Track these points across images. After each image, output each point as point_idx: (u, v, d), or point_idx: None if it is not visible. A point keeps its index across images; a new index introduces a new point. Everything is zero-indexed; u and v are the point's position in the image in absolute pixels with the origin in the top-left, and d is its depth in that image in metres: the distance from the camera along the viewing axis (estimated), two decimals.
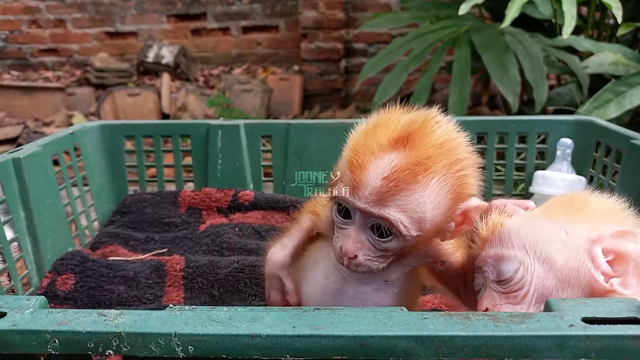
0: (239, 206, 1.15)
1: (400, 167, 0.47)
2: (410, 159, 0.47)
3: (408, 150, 0.48)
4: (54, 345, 0.36)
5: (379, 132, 0.50)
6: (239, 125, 1.17)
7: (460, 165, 0.50)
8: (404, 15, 1.94)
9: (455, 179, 0.49)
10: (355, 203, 0.49)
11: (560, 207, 0.51)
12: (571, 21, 1.30)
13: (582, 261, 0.47)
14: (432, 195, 0.48)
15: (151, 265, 0.93)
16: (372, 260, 0.51)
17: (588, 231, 0.48)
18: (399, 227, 0.49)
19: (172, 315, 0.38)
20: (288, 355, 0.36)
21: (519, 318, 0.38)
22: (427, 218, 0.49)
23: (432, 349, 0.36)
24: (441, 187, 0.49)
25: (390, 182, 0.47)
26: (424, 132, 0.49)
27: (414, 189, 0.47)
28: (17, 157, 0.89)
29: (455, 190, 0.50)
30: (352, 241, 0.51)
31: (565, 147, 1.09)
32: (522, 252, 0.48)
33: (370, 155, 0.48)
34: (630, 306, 0.40)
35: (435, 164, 0.48)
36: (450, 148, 0.50)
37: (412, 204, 0.48)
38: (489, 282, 0.51)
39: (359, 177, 0.48)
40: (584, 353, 0.37)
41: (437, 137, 0.49)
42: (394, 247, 0.51)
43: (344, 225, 0.52)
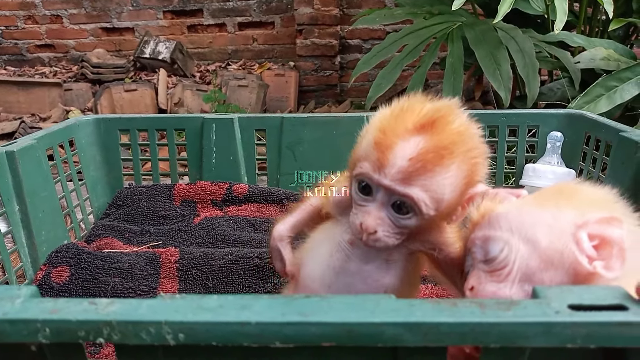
0: (234, 199, 1.15)
1: (427, 149, 0.50)
2: (436, 142, 0.51)
3: (433, 134, 0.51)
4: (45, 334, 0.36)
5: (406, 117, 0.53)
6: (233, 119, 1.18)
7: (476, 153, 0.54)
8: (398, 11, 1.94)
9: (471, 165, 0.53)
10: (382, 180, 0.52)
11: (551, 194, 0.52)
12: (563, 17, 1.30)
13: (567, 244, 0.47)
14: (452, 178, 0.52)
15: (146, 257, 0.93)
16: (389, 236, 0.54)
17: (575, 217, 0.48)
18: (420, 206, 0.51)
19: (162, 303, 0.38)
20: (277, 342, 0.36)
21: (505, 305, 0.39)
22: (445, 199, 0.52)
23: (419, 335, 0.37)
24: (459, 171, 0.52)
25: (417, 163, 0.50)
26: (447, 119, 0.52)
27: (438, 171, 0.51)
28: (11, 150, 0.89)
29: (469, 175, 0.53)
30: (373, 217, 0.53)
31: (555, 140, 1.10)
32: (507, 233, 0.50)
33: (398, 136, 0.51)
34: (616, 293, 0.41)
35: (457, 149, 0.51)
36: (469, 136, 0.54)
37: (434, 184, 0.51)
38: (477, 262, 0.52)
39: (387, 156, 0.51)
40: (570, 339, 0.37)
41: (459, 125, 0.53)
42: (412, 225, 0.54)
43: (364, 203, 0.54)
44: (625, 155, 0.89)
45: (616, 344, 0.38)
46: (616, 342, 0.38)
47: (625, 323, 0.38)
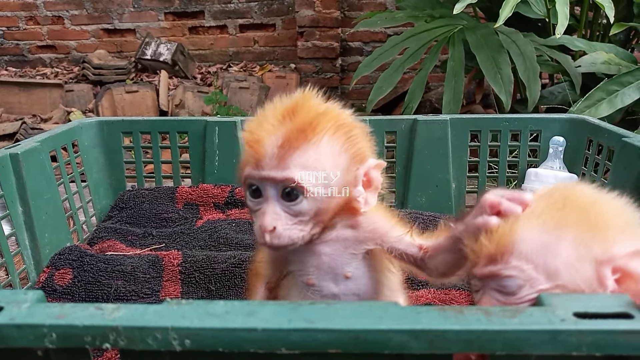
0: (236, 202, 1.16)
1: (291, 130, 0.53)
2: (298, 122, 0.53)
3: (294, 117, 0.54)
4: (51, 339, 0.36)
5: (269, 113, 0.55)
6: (235, 122, 1.18)
7: (348, 128, 0.56)
8: (399, 15, 1.95)
9: (345, 139, 0.55)
10: (261, 173, 0.53)
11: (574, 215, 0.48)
12: (564, 21, 1.30)
13: (589, 280, 0.47)
14: (326, 153, 0.53)
15: (149, 260, 0.93)
16: (290, 228, 0.53)
17: (600, 251, 0.47)
18: (304, 184, 0.52)
19: (169, 309, 0.38)
20: (284, 348, 0.36)
21: (511, 312, 0.39)
22: (328, 175, 0.53)
23: (425, 343, 0.37)
24: (333, 145, 0.53)
25: (286, 145, 0.52)
26: (307, 103, 0.55)
27: (307, 147, 0.52)
28: (15, 152, 0.89)
29: (349, 149, 0.55)
30: (268, 215, 0.53)
31: (557, 145, 1.10)
32: (529, 269, 0.47)
33: (265, 130, 0.54)
34: (622, 301, 0.41)
35: (321, 124, 0.53)
36: (334, 114, 0.56)
37: (309, 160, 0.52)
38: (489, 288, 0.50)
39: (259, 149, 0.53)
40: (575, 347, 0.37)
41: (319, 105, 0.56)
42: (307, 209, 0.53)
43: (258, 206, 0.55)
44: (628, 161, 0.90)
45: (622, 352, 0.38)
46: (622, 350, 0.38)
47: (631, 331, 0.38)
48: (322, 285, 0.58)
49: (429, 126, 1.13)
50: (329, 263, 0.57)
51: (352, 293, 0.58)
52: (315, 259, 0.58)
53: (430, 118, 1.14)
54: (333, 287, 0.58)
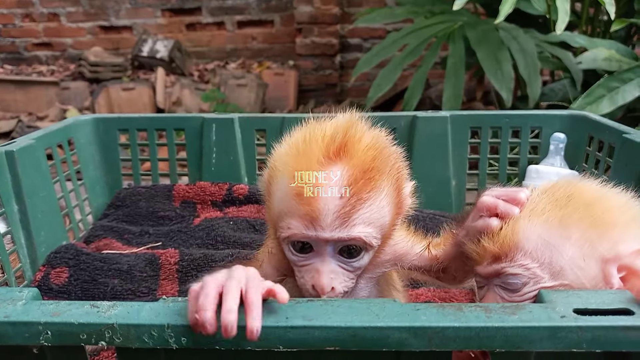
0: (234, 200, 1.15)
1: (353, 177, 0.45)
2: (359, 165, 0.45)
3: (350, 158, 0.46)
4: (47, 337, 0.36)
5: (313, 150, 0.46)
6: (233, 119, 1.17)
7: (394, 159, 0.50)
8: (399, 11, 1.94)
9: (395, 173, 0.49)
10: (320, 235, 0.45)
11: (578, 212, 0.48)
12: (565, 17, 1.30)
13: (595, 277, 0.46)
14: (388, 197, 0.48)
15: (145, 259, 0.93)
16: (347, 283, 0.49)
17: (606, 250, 0.47)
18: (370, 242, 0.47)
19: (164, 306, 0.38)
20: (281, 346, 0.36)
21: (511, 309, 0.39)
22: (387, 221, 0.48)
23: (424, 340, 0.37)
24: (390, 186, 0.48)
25: (351, 198, 0.45)
26: (357, 136, 0.47)
27: (373, 196, 0.46)
28: (10, 150, 0.88)
29: (398, 184, 0.50)
30: (325, 275, 0.47)
31: (558, 142, 1.09)
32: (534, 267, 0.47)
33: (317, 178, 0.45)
34: (622, 297, 0.41)
35: (381, 164, 0.47)
36: (384, 146, 0.49)
37: (375, 212, 0.46)
38: (493, 285, 0.50)
39: (315, 206, 0.44)
40: (575, 344, 0.37)
41: (370, 139, 0.48)
42: (366, 262, 0.50)
43: (306, 262, 0.48)
44: (629, 157, 0.89)
45: (622, 348, 0.38)
46: (622, 347, 0.38)
47: (631, 327, 0.37)
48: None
49: (428, 123, 1.12)
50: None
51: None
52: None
53: (430, 114, 1.13)
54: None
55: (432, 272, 0.57)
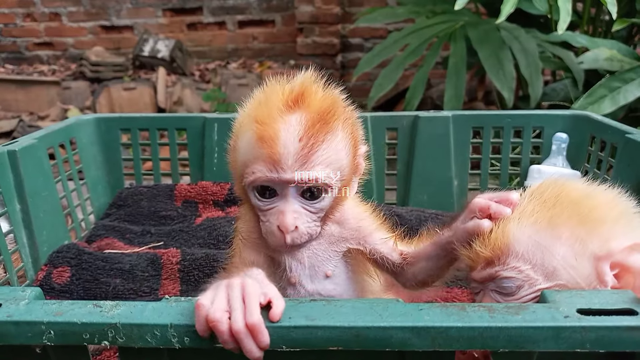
0: (235, 199, 1.15)
1: (311, 120, 0.48)
2: (315, 111, 0.49)
3: (308, 106, 0.50)
4: (50, 336, 0.36)
5: (274, 99, 0.50)
6: (235, 118, 1.17)
7: (349, 114, 0.54)
8: (400, 10, 1.94)
9: (351, 125, 0.53)
10: (282, 177, 0.48)
11: (566, 211, 0.48)
12: (566, 17, 1.30)
13: (588, 276, 0.46)
14: (343, 141, 0.51)
15: (147, 258, 0.93)
16: (310, 225, 0.52)
17: (597, 247, 0.47)
18: (330, 183, 0.50)
19: (167, 306, 0.38)
20: (284, 345, 0.36)
21: (514, 309, 0.39)
22: (344, 165, 0.51)
23: (427, 340, 0.37)
24: (345, 132, 0.52)
25: (309, 139, 0.48)
26: (313, 88, 0.52)
27: (329, 139, 0.49)
28: (13, 149, 0.88)
29: (353, 136, 0.53)
30: (289, 214, 0.50)
31: (560, 142, 1.09)
32: (527, 269, 0.47)
33: (277, 122, 0.48)
34: (625, 297, 0.40)
35: (336, 111, 0.51)
36: (338, 99, 0.54)
37: (332, 154, 0.50)
38: (488, 290, 0.50)
39: (275, 148, 0.48)
40: (579, 344, 0.37)
41: (324, 92, 0.53)
42: (327, 205, 0.52)
43: (271, 205, 0.51)
44: (631, 157, 0.89)
45: (625, 348, 0.38)
46: (626, 347, 0.38)
47: (635, 327, 0.37)
48: (303, 283, 0.56)
49: (430, 123, 1.12)
50: (311, 258, 0.56)
51: (329, 294, 0.57)
52: (299, 253, 0.56)
53: (432, 114, 1.13)
54: (309, 284, 0.56)
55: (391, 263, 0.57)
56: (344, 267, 0.58)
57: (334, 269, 0.57)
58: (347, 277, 0.58)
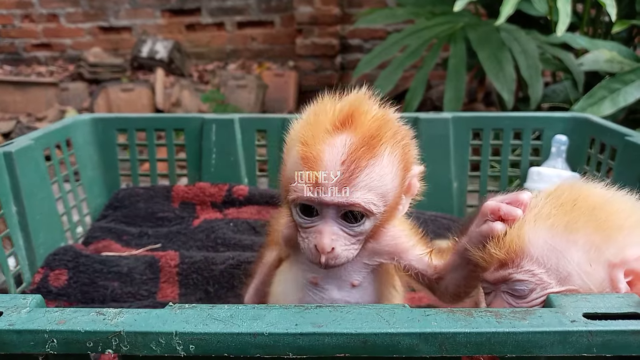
0: (234, 201, 1.14)
1: (355, 144, 0.48)
2: (362, 134, 0.49)
3: (355, 128, 0.49)
4: (52, 345, 0.35)
5: (322, 120, 0.50)
6: (233, 119, 1.16)
7: (402, 135, 0.53)
8: (400, 11, 1.94)
9: (402, 147, 0.52)
10: (323, 199, 0.48)
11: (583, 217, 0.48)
12: (566, 19, 1.30)
13: (601, 283, 0.46)
14: (389, 166, 0.50)
15: (145, 261, 0.92)
16: (348, 249, 0.52)
17: (612, 254, 0.46)
18: (370, 208, 0.49)
19: (172, 313, 0.37)
20: (291, 353, 0.36)
21: (521, 314, 0.38)
22: (389, 190, 0.51)
23: (435, 346, 0.36)
24: (393, 155, 0.51)
25: (351, 164, 0.48)
26: (363, 109, 0.51)
27: (373, 163, 0.49)
28: (9, 150, 0.87)
29: (403, 158, 0.52)
30: (326, 236, 0.50)
31: (560, 144, 1.09)
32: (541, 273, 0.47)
33: (321, 143, 0.48)
34: (631, 301, 0.40)
35: (384, 134, 0.50)
36: (390, 120, 0.53)
37: (375, 179, 0.49)
38: (500, 291, 0.50)
39: (317, 170, 0.48)
40: (586, 348, 0.37)
41: (376, 112, 0.52)
42: (367, 229, 0.52)
43: (311, 224, 0.51)
44: (631, 160, 0.89)
45: (632, 352, 0.38)
46: (632, 351, 0.38)
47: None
48: (325, 287, 0.57)
49: (430, 124, 1.12)
50: (339, 269, 0.56)
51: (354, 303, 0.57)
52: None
53: (431, 116, 1.13)
54: (336, 293, 0.56)
55: (426, 279, 0.57)
56: (372, 278, 0.58)
57: (362, 280, 0.57)
58: (374, 288, 0.58)
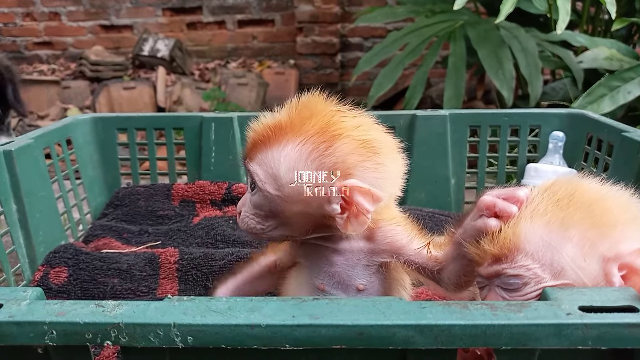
0: (233, 199, 1.15)
1: (264, 127, 0.54)
2: (274, 122, 0.54)
3: (276, 116, 0.55)
4: (52, 337, 0.36)
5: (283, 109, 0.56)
6: (232, 117, 1.17)
7: (330, 139, 0.51)
8: (400, 10, 1.94)
9: (322, 149, 0.51)
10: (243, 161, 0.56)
11: (579, 213, 0.48)
12: (565, 17, 1.30)
13: (596, 279, 0.47)
14: (288, 158, 0.52)
15: (145, 258, 0.93)
16: (249, 217, 0.56)
17: (607, 249, 0.47)
18: (254, 178, 0.54)
19: (170, 305, 0.38)
20: (287, 344, 0.36)
21: (516, 307, 0.39)
22: (281, 176, 0.52)
23: (430, 338, 0.37)
24: (300, 152, 0.51)
25: (256, 139, 0.54)
26: (304, 106, 0.55)
27: (271, 147, 0.53)
28: (9, 149, 0.88)
29: (320, 162, 0.51)
30: (242, 198, 0.57)
31: (557, 140, 1.09)
32: (534, 266, 0.47)
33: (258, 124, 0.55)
34: (626, 295, 0.41)
35: (294, 130, 0.52)
36: (325, 122, 0.52)
37: (267, 159, 0.53)
38: (494, 285, 0.50)
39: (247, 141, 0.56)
40: (581, 341, 0.37)
41: (310, 110, 0.54)
42: (260, 203, 0.55)
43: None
44: (627, 156, 0.89)
45: (627, 345, 0.38)
46: (627, 343, 0.38)
47: (636, 324, 0.37)
48: (332, 293, 0.57)
49: (428, 121, 1.12)
50: (341, 274, 0.56)
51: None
52: (328, 266, 0.56)
53: (429, 113, 1.13)
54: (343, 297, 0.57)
55: (428, 271, 0.57)
56: (378, 281, 0.58)
57: (367, 283, 0.57)
58: (381, 290, 0.58)
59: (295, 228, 0.55)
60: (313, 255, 0.58)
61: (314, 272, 0.57)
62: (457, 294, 0.58)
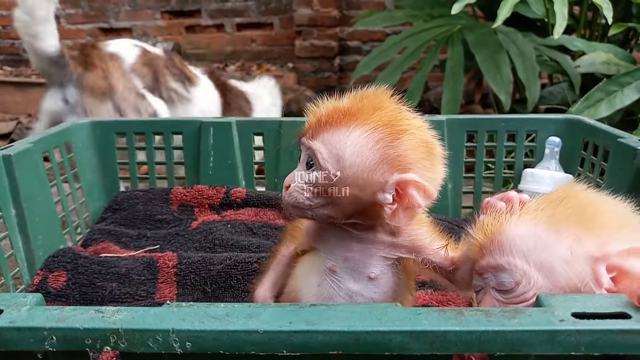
0: (231, 203, 1.15)
1: (334, 110, 0.55)
2: (344, 107, 0.55)
3: (345, 103, 0.56)
4: (52, 342, 0.36)
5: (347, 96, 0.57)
6: (230, 122, 1.17)
7: (397, 132, 0.54)
8: (398, 14, 1.95)
9: (388, 140, 0.53)
10: (301, 138, 0.57)
11: (569, 215, 0.49)
12: (562, 21, 1.31)
13: (585, 278, 0.47)
14: (355, 142, 0.53)
15: (143, 262, 0.93)
16: (299, 191, 0.56)
17: (595, 248, 0.47)
18: (316, 155, 0.54)
19: (169, 311, 0.38)
20: (285, 350, 0.37)
21: (510, 313, 0.39)
22: (345, 158, 0.53)
23: (426, 344, 0.37)
24: (367, 139, 0.53)
25: (323, 120, 0.55)
26: (372, 97, 0.56)
27: (338, 129, 0.54)
28: (8, 154, 0.88)
29: (384, 152, 0.53)
30: (291, 174, 0.57)
31: (553, 146, 1.10)
32: (523, 264, 0.48)
33: (321, 106, 0.56)
34: (619, 301, 0.41)
35: (363, 116, 0.54)
36: (393, 116, 0.55)
37: (334, 139, 0.54)
38: (489, 288, 0.51)
39: (308, 120, 0.57)
40: (574, 347, 0.38)
41: (380, 102, 0.56)
42: (316, 181, 0.55)
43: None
44: (623, 161, 0.90)
45: (619, 351, 0.39)
46: (619, 350, 0.38)
47: (628, 331, 0.38)
48: (342, 277, 0.58)
49: None
50: (357, 260, 0.58)
51: (369, 296, 0.58)
52: (345, 250, 0.58)
53: (426, 118, 1.13)
54: (352, 284, 0.58)
55: (443, 271, 0.59)
56: (390, 273, 0.59)
57: (379, 273, 0.58)
58: (390, 284, 0.59)
59: (341, 209, 0.56)
60: (333, 240, 0.59)
61: (329, 255, 0.59)
62: (469, 293, 0.60)
